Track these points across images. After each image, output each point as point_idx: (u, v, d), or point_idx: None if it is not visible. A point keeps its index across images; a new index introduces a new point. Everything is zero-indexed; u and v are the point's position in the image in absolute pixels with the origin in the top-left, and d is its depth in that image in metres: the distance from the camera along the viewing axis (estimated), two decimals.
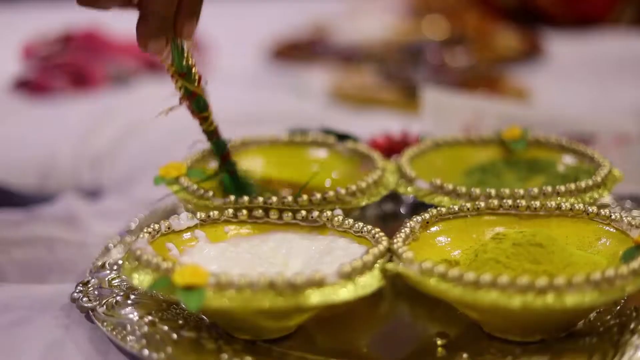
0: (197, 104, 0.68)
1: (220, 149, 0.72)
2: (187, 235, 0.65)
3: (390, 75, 1.34)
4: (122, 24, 1.47)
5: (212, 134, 0.71)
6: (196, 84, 0.67)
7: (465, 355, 0.58)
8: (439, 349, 0.60)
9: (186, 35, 0.65)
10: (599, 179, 0.71)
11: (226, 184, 0.72)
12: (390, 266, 0.59)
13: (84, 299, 0.64)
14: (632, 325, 0.60)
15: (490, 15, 1.73)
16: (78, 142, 1.13)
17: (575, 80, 1.41)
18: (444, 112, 1.01)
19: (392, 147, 0.87)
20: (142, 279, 0.58)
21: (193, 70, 0.66)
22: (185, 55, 0.66)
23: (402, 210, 0.84)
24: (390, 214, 0.84)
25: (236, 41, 1.70)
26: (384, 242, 0.61)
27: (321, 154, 0.81)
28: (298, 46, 1.60)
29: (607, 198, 0.79)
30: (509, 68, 1.47)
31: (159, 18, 0.63)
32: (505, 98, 1.24)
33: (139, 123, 1.19)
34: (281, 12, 1.95)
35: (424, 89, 1.08)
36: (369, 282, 0.58)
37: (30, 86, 1.35)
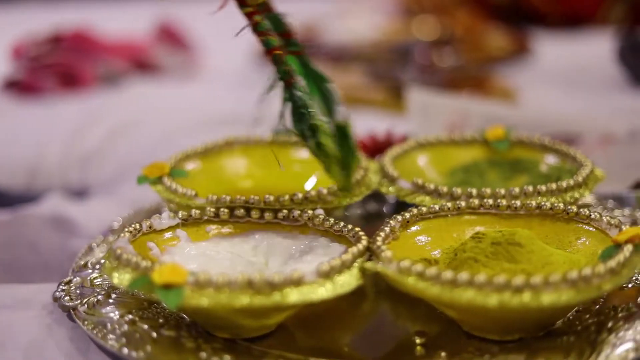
0: None
1: (278, 25, 0.67)
2: (168, 234, 0.66)
3: (378, 76, 1.34)
4: (112, 24, 1.47)
5: (263, 5, 0.66)
6: None
7: (443, 354, 0.58)
8: (418, 348, 0.60)
9: None
10: (580, 178, 0.71)
11: (296, 68, 0.67)
12: (369, 265, 0.60)
13: (66, 297, 0.65)
14: (610, 324, 0.60)
15: (481, 14, 1.73)
16: (67, 142, 1.13)
17: (562, 81, 1.41)
18: (430, 113, 1.01)
19: (377, 148, 0.87)
20: (122, 278, 0.58)
21: None
22: None
23: (385, 210, 0.84)
24: (374, 213, 0.84)
25: (225, 41, 1.70)
26: (364, 242, 0.62)
27: (305, 154, 0.81)
28: None
29: (589, 198, 0.79)
30: (497, 68, 1.47)
31: None
32: (492, 98, 1.24)
33: (127, 123, 1.19)
34: None
35: (409, 89, 1.09)
36: (348, 281, 0.58)
37: (20, 86, 1.35)
